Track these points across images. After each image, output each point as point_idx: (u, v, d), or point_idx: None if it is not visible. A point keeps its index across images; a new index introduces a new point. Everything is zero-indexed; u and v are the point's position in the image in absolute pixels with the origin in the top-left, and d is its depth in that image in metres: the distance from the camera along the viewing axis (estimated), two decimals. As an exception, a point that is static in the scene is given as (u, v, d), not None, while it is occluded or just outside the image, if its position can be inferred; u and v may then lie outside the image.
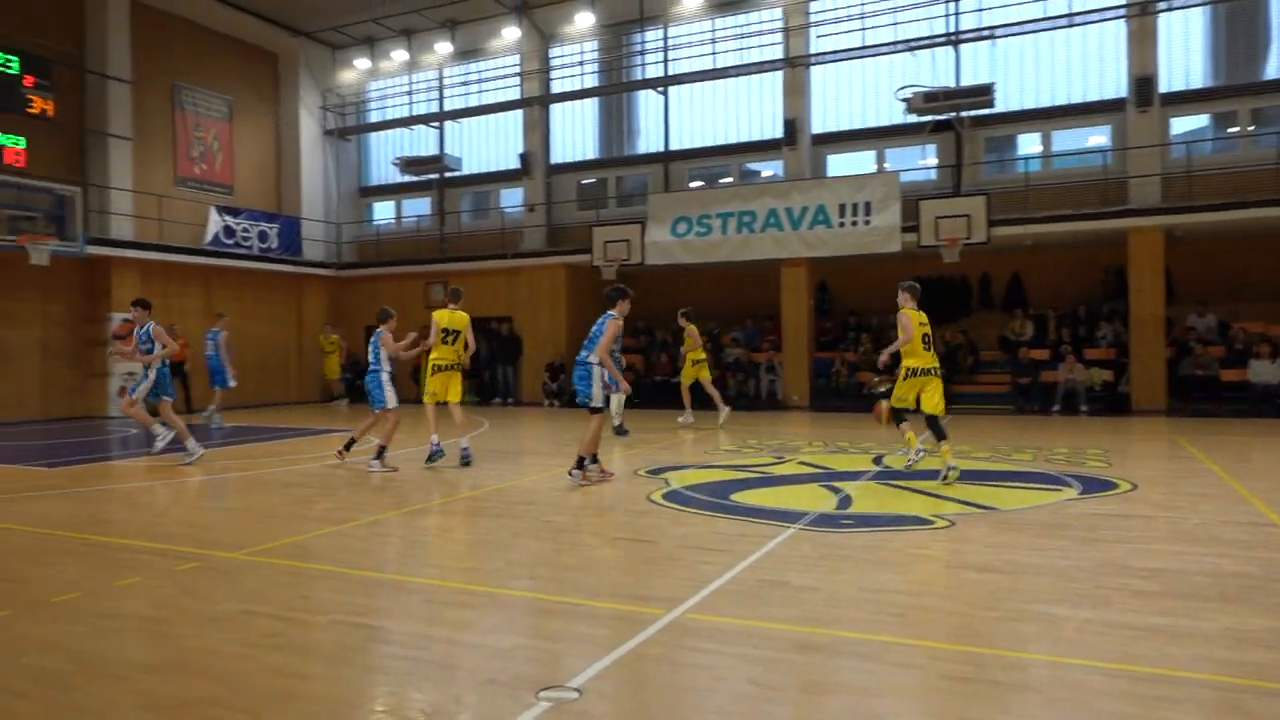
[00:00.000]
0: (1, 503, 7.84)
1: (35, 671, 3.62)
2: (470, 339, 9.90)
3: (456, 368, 9.85)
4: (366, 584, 5.04)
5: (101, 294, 17.77)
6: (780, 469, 9.41)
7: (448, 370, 9.81)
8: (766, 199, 17.83)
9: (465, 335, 9.82)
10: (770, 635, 3.95)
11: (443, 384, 9.81)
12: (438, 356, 9.75)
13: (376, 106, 24.18)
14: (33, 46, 16.96)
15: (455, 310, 9.86)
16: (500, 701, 3.25)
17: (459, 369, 9.88)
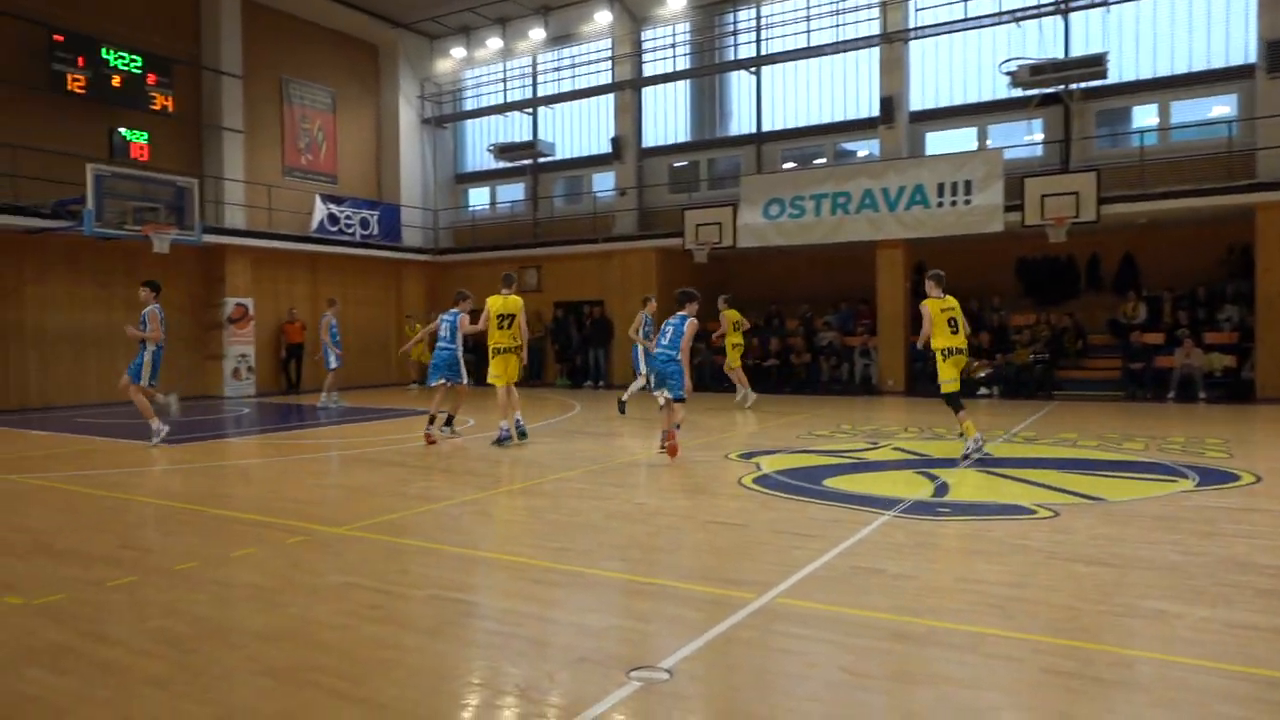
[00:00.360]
0: (129, 477, 8.37)
1: (160, 633, 3.86)
2: (523, 323, 10.26)
3: (512, 351, 10.21)
4: (461, 560, 5.18)
5: (216, 280, 18.71)
6: (874, 455, 9.23)
7: (505, 353, 10.16)
8: (862, 179, 17.42)
9: (519, 319, 10.17)
10: (863, 623, 3.89)
11: (502, 366, 10.15)
12: (495, 341, 10.14)
13: (472, 94, 24.62)
14: (154, 46, 17.92)
15: (508, 296, 10.20)
16: (592, 679, 3.30)
17: (514, 352, 10.23)
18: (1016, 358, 16.33)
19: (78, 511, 6.70)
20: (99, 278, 17.04)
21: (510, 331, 10.15)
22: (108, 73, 16.79)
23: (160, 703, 3.13)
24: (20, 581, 4.74)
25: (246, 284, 19.01)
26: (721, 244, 18.54)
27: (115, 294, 17.29)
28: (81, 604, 4.31)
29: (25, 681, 3.35)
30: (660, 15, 21.24)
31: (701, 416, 13.37)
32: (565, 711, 3.02)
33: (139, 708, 3.09)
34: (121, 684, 3.31)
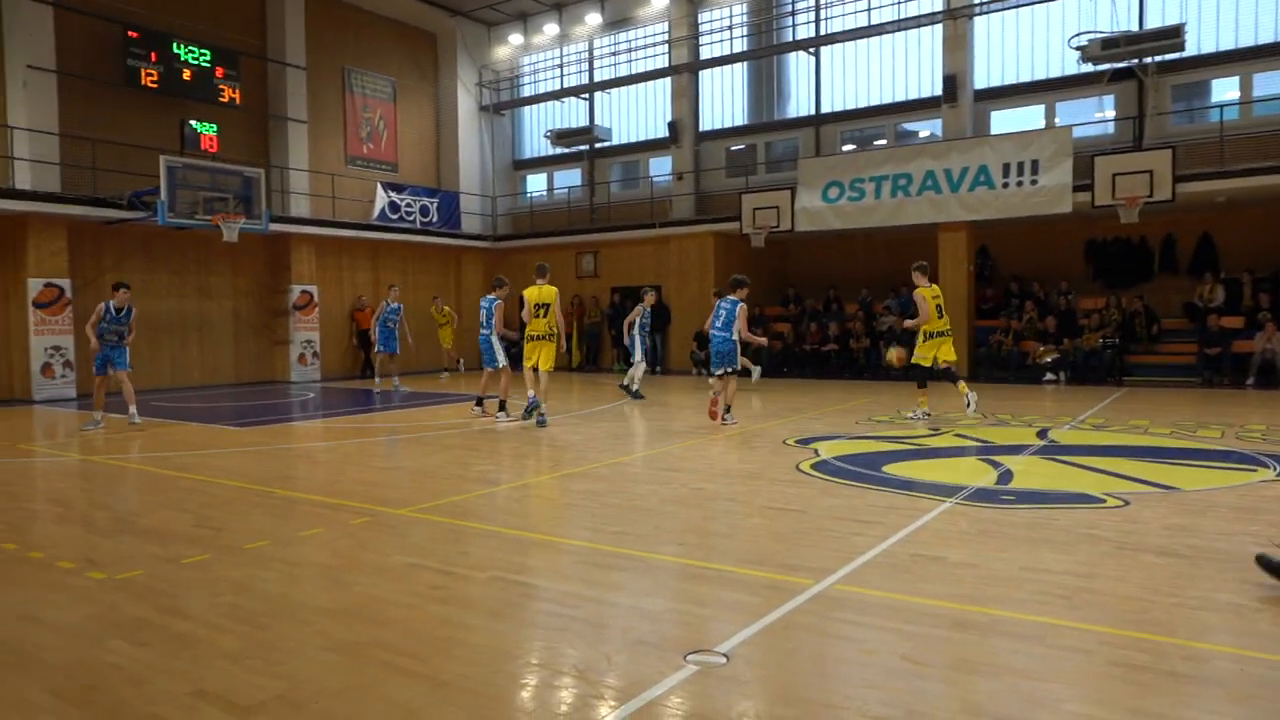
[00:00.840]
0: (202, 458, 8.66)
1: (232, 609, 3.99)
2: (559, 311, 10.81)
3: (548, 338, 10.70)
4: (521, 543, 5.25)
5: (283, 268, 19.19)
6: (936, 441, 9.07)
7: (539, 340, 10.67)
8: (924, 160, 17.05)
9: (554, 307, 10.71)
10: (924, 611, 3.84)
11: (535, 351, 10.69)
12: (531, 328, 10.69)
13: (529, 81, 24.73)
14: (222, 40, 18.39)
15: (543, 286, 10.78)
16: (649, 662, 3.32)
17: (550, 339, 10.72)
18: (1085, 342, 15.87)
19: (155, 491, 6.97)
20: (172, 266, 17.61)
21: (547, 320, 10.66)
22: (179, 67, 17.29)
23: (232, 675, 3.24)
24: (103, 557, 4.95)
25: (311, 271, 19.46)
26: (779, 228, 18.35)
27: (188, 282, 17.88)
28: (159, 579, 4.49)
29: (107, 651, 3.50)
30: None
31: (758, 404, 13.31)
32: (623, 693, 3.04)
33: (212, 679, 3.20)
34: (196, 656, 3.43)
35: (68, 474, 8.17)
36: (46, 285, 15.18)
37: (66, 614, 3.98)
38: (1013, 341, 16.78)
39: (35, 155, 15.41)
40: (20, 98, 15.41)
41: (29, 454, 9.27)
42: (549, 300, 10.69)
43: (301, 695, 3.05)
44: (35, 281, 15.07)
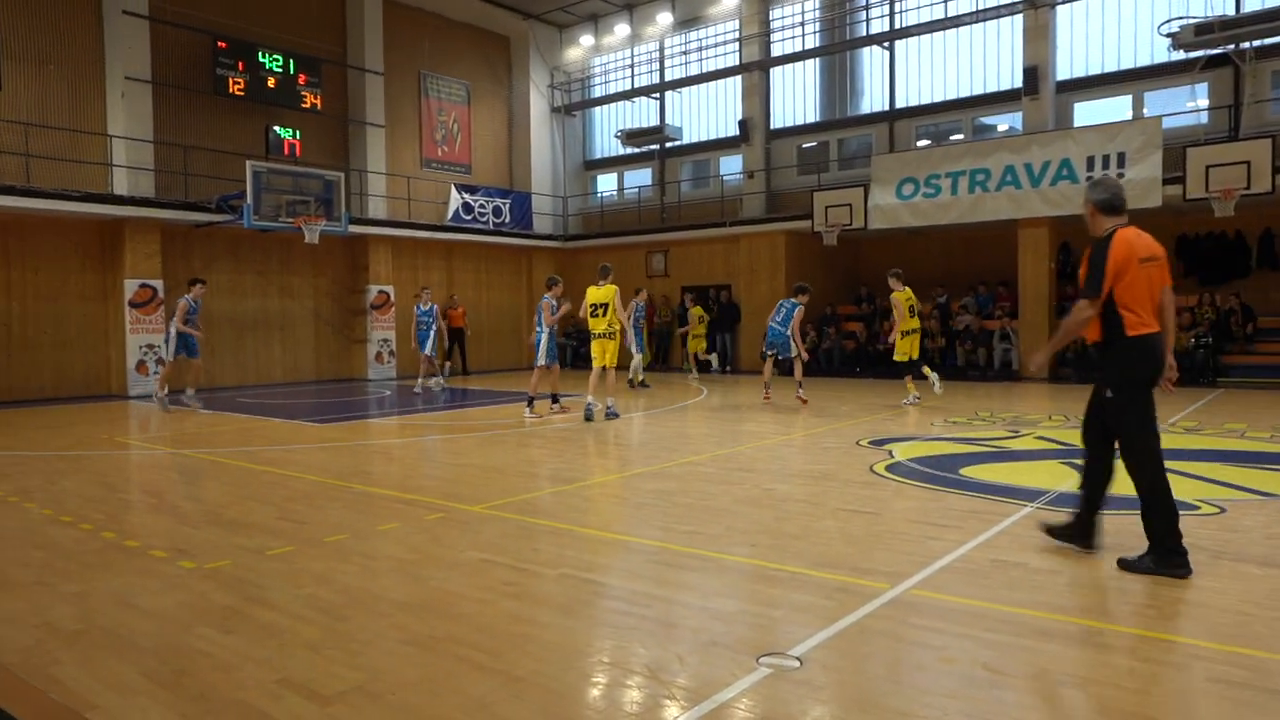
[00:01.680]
0: (284, 453, 8.95)
1: (313, 600, 4.10)
2: (618, 307, 11.14)
3: (607, 335, 11.17)
4: (592, 541, 5.27)
5: (361, 268, 19.70)
6: (1015, 444, 8.80)
7: (599, 338, 11.22)
8: (1003, 154, 16.58)
9: (613, 305, 11.10)
10: (1005, 618, 3.72)
11: (599, 350, 11.24)
12: (591, 326, 11.31)
13: (600, 81, 24.88)
14: (304, 48, 18.97)
15: (602, 286, 11.23)
16: (721, 664, 3.29)
17: (609, 336, 11.17)
18: (1176, 342, 15.21)
19: (242, 485, 7.22)
20: (256, 266, 18.25)
21: (604, 319, 11.14)
22: (264, 75, 17.89)
23: (314, 665, 3.33)
24: (193, 548, 5.15)
25: (388, 272, 19.94)
26: (852, 226, 18.08)
27: (271, 282, 18.49)
28: (245, 570, 4.64)
29: (197, 637, 3.64)
30: (789, -7, 20.83)
31: (829, 403, 13.16)
32: (695, 694, 3.02)
33: (295, 668, 3.30)
34: (280, 645, 3.54)
35: (159, 466, 8.53)
36: (141, 286, 15.89)
37: (160, 600, 4.15)
38: (1097, 341, 16.17)
39: (132, 162, 16.14)
40: (119, 107, 16.18)
41: (124, 447, 9.71)
42: (605, 300, 11.11)
43: (379, 687, 3.12)
44: (131, 282, 15.80)
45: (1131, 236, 4.44)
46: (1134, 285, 4.35)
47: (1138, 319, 4.37)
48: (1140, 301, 4.38)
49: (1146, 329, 4.39)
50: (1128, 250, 4.36)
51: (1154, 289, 4.44)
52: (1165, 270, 4.52)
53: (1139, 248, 4.41)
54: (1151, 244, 4.50)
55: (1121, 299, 4.37)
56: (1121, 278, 4.35)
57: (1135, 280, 4.35)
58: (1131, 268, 4.35)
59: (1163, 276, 4.50)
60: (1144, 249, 4.44)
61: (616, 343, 11.23)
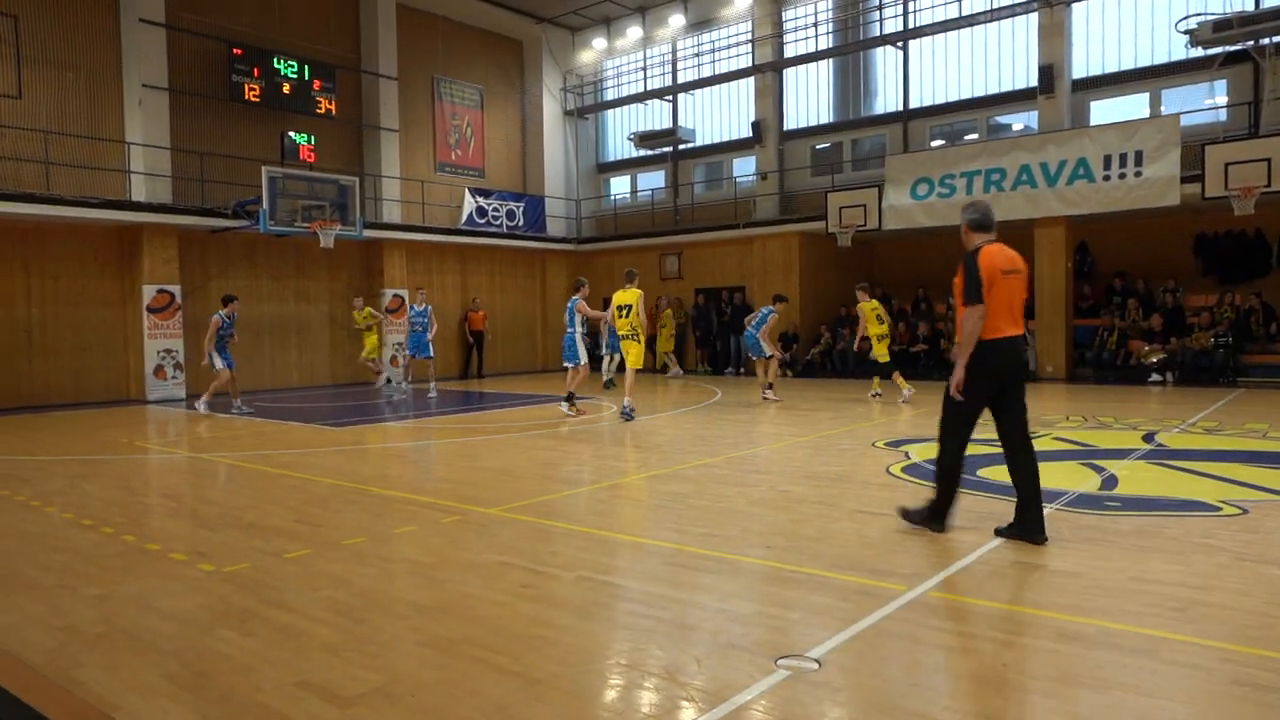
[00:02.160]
0: (302, 457, 8.99)
1: (331, 603, 4.12)
2: (641, 311, 11.60)
3: (631, 337, 11.61)
4: (608, 543, 5.27)
5: (376, 272, 19.80)
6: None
7: (625, 339, 11.73)
8: (1018, 154, 16.49)
9: (636, 308, 11.54)
10: (1024, 620, 3.70)
11: (626, 350, 11.78)
12: (617, 328, 11.79)
13: (613, 84, 24.91)
14: (319, 54, 19.10)
15: (628, 289, 11.69)
16: (739, 666, 3.28)
17: (633, 338, 11.61)
18: (1194, 342, 15.08)
19: (259, 488, 7.27)
20: (272, 271, 18.37)
21: (628, 320, 11.55)
22: (279, 81, 18.02)
23: (333, 667, 3.34)
24: (212, 550, 5.18)
25: (402, 275, 20.03)
26: (866, 227, 18.02)
27: (287, 287, 18.61)
28: (263, 572, 4.67)
29: (217, 640, 3.66)
30: (801, -6, 20.80)
31: (845, 405, 13.11)
32: (713, 696, 3.02)
33: (314, 670, 3.31)
34: (299, 648, 3.56)
35: (178, 470, 8.59)
36: (159, 291, 16.03)
37: (180, 603, 4.18)
38: (1116, 341, 16.06)
39: (150, 169, 16.29)
40: (136, 115, 16.33)
41: (144, 451, 9.79)
42: (630, 302, 11.54)
43: (399, 689, 3.13)
44: (149, 288, 15.94)
45: (995, 252, 5.00)
46: (998, 295, 4.91)
47: (992, 325, 4.92)
48: (998, 309, 4.92)
49: (999, 334, 4.94)
50: (991, 263, 4.93)
51: (1013, 298, 5.00)
52: (1024, 282, 5.12)
53: (1001, 261, 4.97)
54: (1014, 258, 5.06)
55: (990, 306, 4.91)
56: (990, 287, 4.90)
57: (999, 290, 4.92)
58: (997, 278, 4.92)
59: (1021, 288, 5.08)
60: (1006, 263, 5.00)
61: (641, 344, 11.68)
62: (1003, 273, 4.94)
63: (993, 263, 4.94)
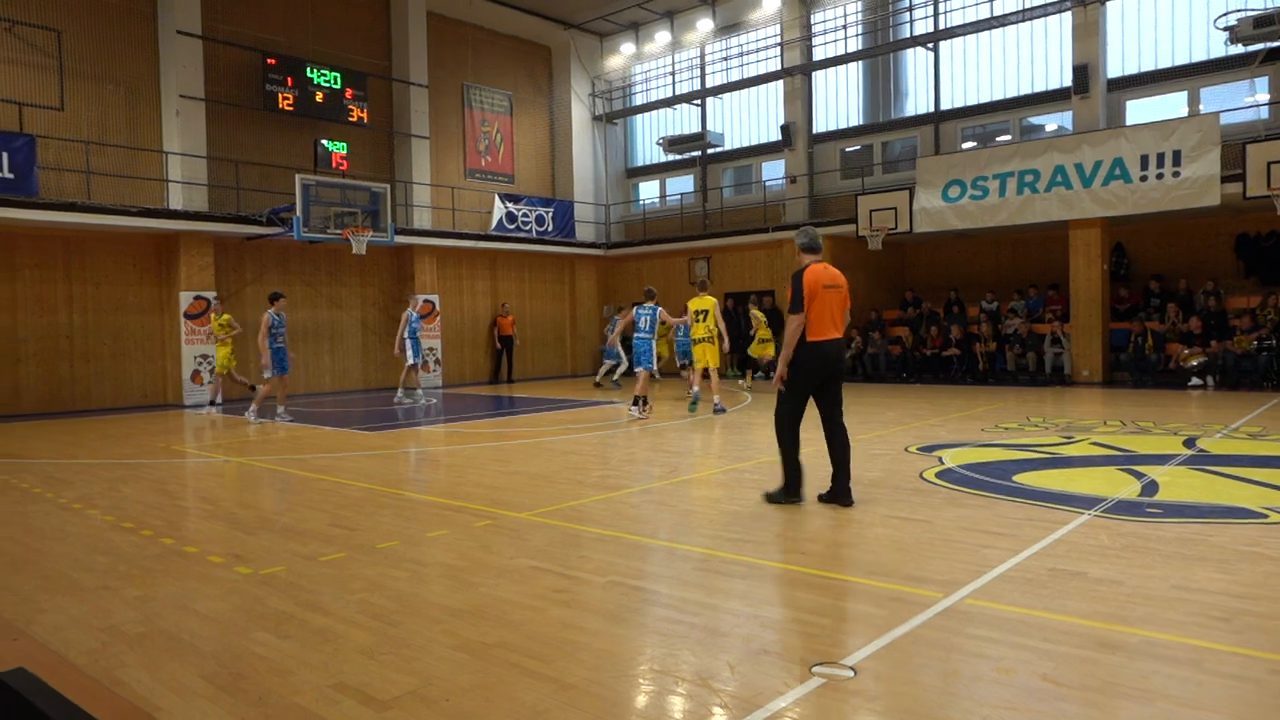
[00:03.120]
0: (335, 461, 9.08)
1: (365, 606, 4.15)
2: (718, 315, 12.60)
3: (708, 340, 12.63)
4: (640, 548, 5.26)
5: (407, 278, 19.98)
6: (1070, 450, 8.61)
7: (701, 342, 12.70)
8: (1052, 155, 16.28)
9: (713, 313, 12.57)
10: (1065, 629, 3.63)
11: (701, 353, 12.79)
12: (693, 333, 12.84)
13: (641, 89, 24.95)
14: (350, 63, 19.33)
15: (703, 296, 12.82)
16: (773, 672, 3.26)
17: (710, 341, 12.63)
18: (1236, 345, 14.77)
19: (294, 492, 7.35)
20: (305, 277, 18.60)
21: (705, 324, 12.64)
22: (312, 90, 18.26)
23: (369, 670, 3.36)
24: (249, 553, 5.24)
25: (433, 281, 20.20)
26: (897, 229, 17.88)
27: (320, 292, 18.83)
28: (299, 575, 4.72)
29: (254, 642, 3.70)
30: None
31: (876, 410, 13.01)
32: (747, 703, 3.00)
33: (350, 673, 3.33)
34: (334, 650, 3.58)
35: (214, 474, 8.71)
36: (196, 298, 16.29)
37: (217, 605, 4.23)
38: (1156, 344, 15.79)
39: (186, 177, 16.57)
40: (174, 125, 16.62)
41: (181, 455, 9.94)
42: (707, 307, 12.64)
43: (433, 692, 3.14)
44: (186, 294, 16.20)
45: (819, 270, 6.14)
46: (819, 306, 6.05)
47: (816, 330, 6.08)
48: (820, 318, 6.08)
49: (821, 337, 6.09)
50: (814, 279, 6.07)
51: (833, 309, 6.14)
52: (843, 295, 6.25)
53: (824, 278, 6.11)
54: (835, 276, 6.21)
55: (808, 315, 6.06)
56: (812, 300, 6.03)
57: (820, 302, 6.06)
58: (819, 292, 6.05)
59: (841, 300, 6.23)
60: (828, 279, 6.14)
61: (717, 346, 12.69)
62: (824, 287, 6.07)
63: (816, 279, 6.06)
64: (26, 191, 14.10)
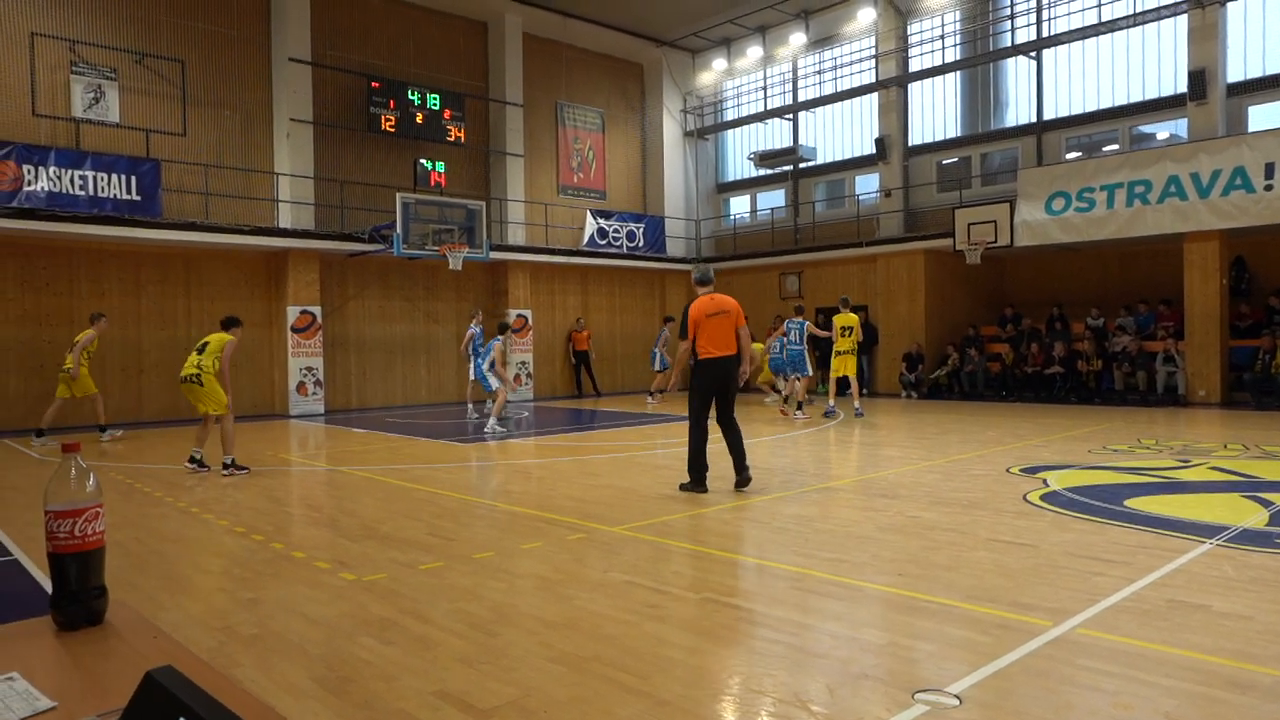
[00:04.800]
0: (432, 472, 9.32)
1: (464, 615, 4.23)
2: (859, 332, 14.53)
3: (851, 353, 14.43)
4: (733, 566, 5.22)
5: (500, 293, 20.41)
6: (1186, 474, 8.16)
7: (844, 355, 14.47)
8: (1165, 164, 15.53)
9: (856, 330, 14.46)
10: (1189, 665, 3.43)
11: (841, 364, 14.53)
12: (838, 346, 14.53)
13: (732, 104, 24.94)
14: (449, 84, 19.94)
15: (847, 312, 14.61)
16: (873, 698, 3.18)
17: (852, 353, 14.44)
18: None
19: (393, 501, 7.57)
20: (404, 292, 19.20)
21: (849, 339, 14.39)
22: (413, 111, 18.89)
23: (469, 679, 3.42)
24: (352, 560, 5.42)
25: (526, 296, 20.57)
26: (996, 243, 17.34)
27: (417, 308, 19.40)
28: (400, 583, 4.85)
29: (359, 647, 3.81)
30: (928, 6, 20.32)
31: (975, 429, 12.61)
32: (848, 728, 2.93)
33: (452, 681, 3.40)
34: (435, 658, 3.66)
35: (318, 482, 9.05)
36: (302, 312, 17.00)
37: (325, 610, 4.38)
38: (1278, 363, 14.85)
39: (295, 197, 17.35)
40: (284, 147, 17.45)
41: (286, 463, 10.36)
42: (851, 324, 14.40)
43: (532, 703, 3.17)
44: (293, 309, 16.93)
45: (704, 301, 7.60)
46: (704, 331, 7.48)
47: (703, 350, 7.50)
48: (706, 341, 7.49)
49: (707, 354, 7.49)
50: (699, 309, 7.54)
51: (719, 332, 7.48)
52: (730, 320, 7.53)
53: (708, 307, 7.54)
54: (721, 303, 7.59)
55: (699, 338, 7.51)
56: (696, 327, 7.49)
57: (705, 328, 7.48)
58: (702, 320, 7.49)
59: (728, 324, 7.52)
60: (712, 308, 7.55)
61: (854, 357, 14.44)
62: (707, 315, 7.47)
63: (701, 309, 7.50)
64: (152, 213, 15.01)
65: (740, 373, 7.66)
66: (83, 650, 1.46)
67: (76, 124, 15.25)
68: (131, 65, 15.86)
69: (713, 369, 7.46)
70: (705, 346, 7.43)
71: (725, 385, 7.52)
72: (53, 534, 1.54)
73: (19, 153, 13.79)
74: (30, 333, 14.80)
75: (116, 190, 14.68)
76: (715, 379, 7.48)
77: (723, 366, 7.44)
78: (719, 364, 7.45)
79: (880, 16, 20.85)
